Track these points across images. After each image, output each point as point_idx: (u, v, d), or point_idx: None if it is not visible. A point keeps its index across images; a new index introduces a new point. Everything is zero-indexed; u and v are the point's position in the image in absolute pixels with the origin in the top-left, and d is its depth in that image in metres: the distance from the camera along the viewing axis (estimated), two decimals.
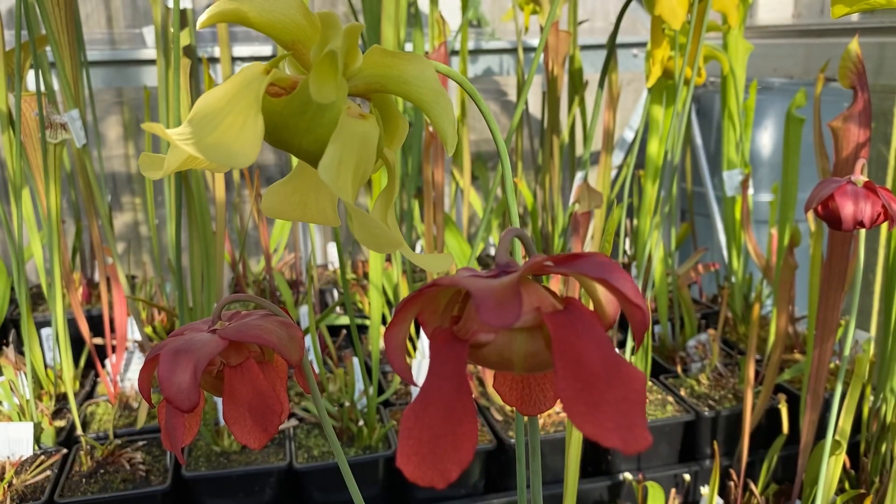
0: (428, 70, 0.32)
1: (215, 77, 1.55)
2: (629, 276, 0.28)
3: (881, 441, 1.04)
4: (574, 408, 0.26)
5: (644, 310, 0.29)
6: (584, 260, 0.29)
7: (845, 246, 0.96)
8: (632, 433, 0.26)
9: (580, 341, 0.27)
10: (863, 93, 0.91)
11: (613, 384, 0.26)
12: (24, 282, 1.13)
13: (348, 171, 0.31)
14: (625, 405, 0.26)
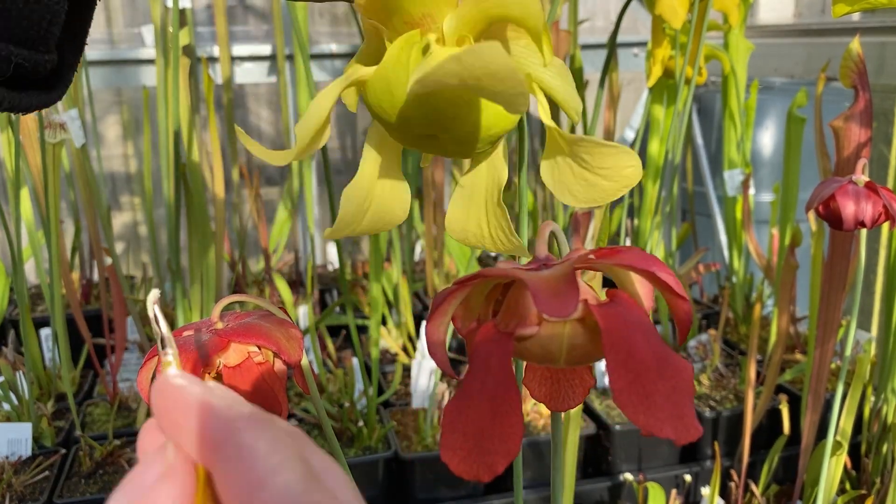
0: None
1: (214, 77, 1.55)
2: (669, 270, 0.28)
3: (882, 441, 1.04)
4: (626, 399, 0.26)
5: (689, 301, 0.29)
6: (626, 253, 0.28)
7: (846, 246, 0.96)
8: (683, 423, 0.26)
9: (630, 333, 0.27)
10: (864, 92, 0.91)
11: (664, 375, 0.26)
12: (23, 281, 1.12)
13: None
14: (675, 396, 0.26)
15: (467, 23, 0.29)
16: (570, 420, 0.94)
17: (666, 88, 1.15)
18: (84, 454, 1.06)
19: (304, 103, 1.35)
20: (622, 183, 0.31)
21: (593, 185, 0.31)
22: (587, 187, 0.32)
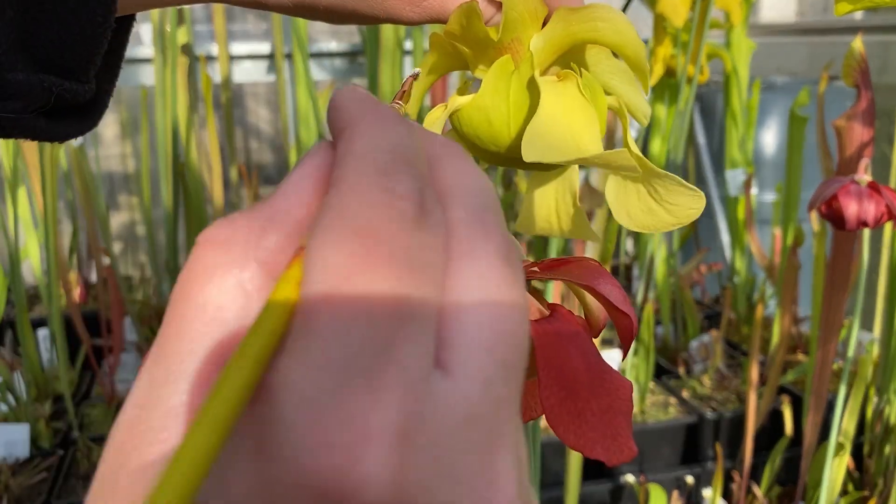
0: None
1: (212, 75, 1.54)
2: (616, 282, 0.28)
3: (885, 443, 1.03)
4: (557, 417, 0.25)
5: (631, 316, 0.28)
6: (570, 265, 0.28)
7: (849, 246, 0.95)
8: (616, 443, 0.25)
9: (563, 349, 0.26)
10: (866, 91, 0.90)
11: (598, 393, 0.26)
12: (20, 282, 1.12)
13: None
14: (609, 415, 0.25)
15: (555, 45, 0.29)
16: None
17: (668, 87, 1.14)
18: (82, 456, 1.05)
19: (303, 102, 1.35)
20: (681, 219, 0.31)
21: (655, 214, 0.31)
22: (648, 215, 0.31)
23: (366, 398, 0.15)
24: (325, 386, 0.15)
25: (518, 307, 0.18)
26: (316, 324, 0.16)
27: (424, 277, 0.17)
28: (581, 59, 0.31)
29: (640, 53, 0.29)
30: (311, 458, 0.15)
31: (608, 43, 0.29)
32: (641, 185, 0.31)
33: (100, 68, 0.32)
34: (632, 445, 0.25)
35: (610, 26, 0.29)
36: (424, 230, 0.18)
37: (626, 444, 0.25)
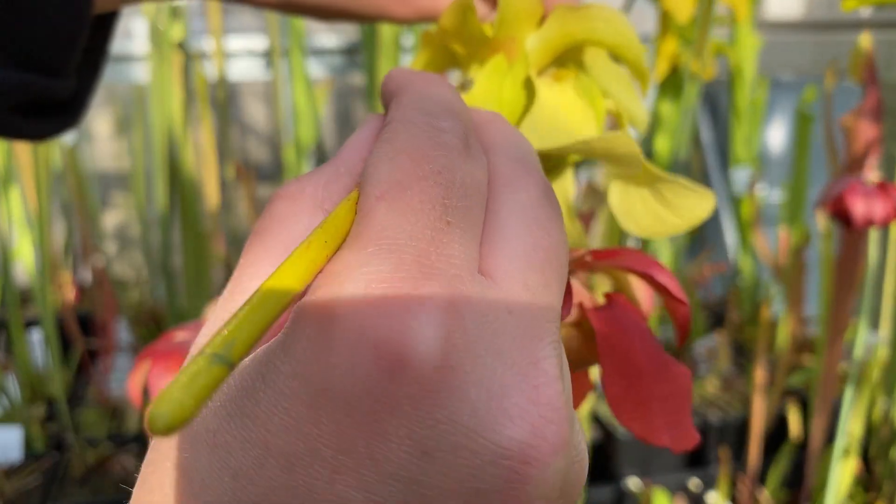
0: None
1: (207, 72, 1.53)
2: (669, 271, 0.27)
3: (891, 446, 1.02)
4: (621, 406, 0.25)
5: (687, 304, 0.28)
6: (624, 255, 0.28)
7: (857, 245, 0.94)
8: (680, 431, 0.25)
9: (626, 338, 0.26)
10: (874, 89, 0.89)
11: (660, 381, 0.26)
12: (12, 282, 1.10)
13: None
14: (672, 403, 0.26)
15: (551, 45, 0.29)
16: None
17: (673, 85, 1.13)
18: (76, 459, 1.04)
19: (300, 99, 1.33)
20: (690, 222, 0.30)
21: (662, 219, 0.30)
22: (655, 220, 0.30)
23: (418, 277, 0.17)
24: (381, 268, 0.17)
25: (556, 228, 0.20)
26: (372, 220, 0.18)
27: (468, 195, 0.19)
28: (579, 61, 0.30)
29: (639, 56, 0.29)
30: (370, 320, 0.16)
31: (607, 44, 0.28)
32: (646, 190, 0.30)
33: (81, 66, 0.32)
34: (694, 433, 0.25)
35: (609, 27, 0.28)
36: (468, 161, 0.20)
37: (689, 431, 0.25)
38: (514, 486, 0.16)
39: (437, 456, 0.16)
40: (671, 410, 0.25)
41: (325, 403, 0.16)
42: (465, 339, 0.17)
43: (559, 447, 0.17)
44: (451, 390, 0.16)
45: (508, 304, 0.18)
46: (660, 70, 1.04)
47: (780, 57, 1.71)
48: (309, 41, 1.57)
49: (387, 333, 0.16)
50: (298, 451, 0.16)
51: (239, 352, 0.15)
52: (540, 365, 0.18)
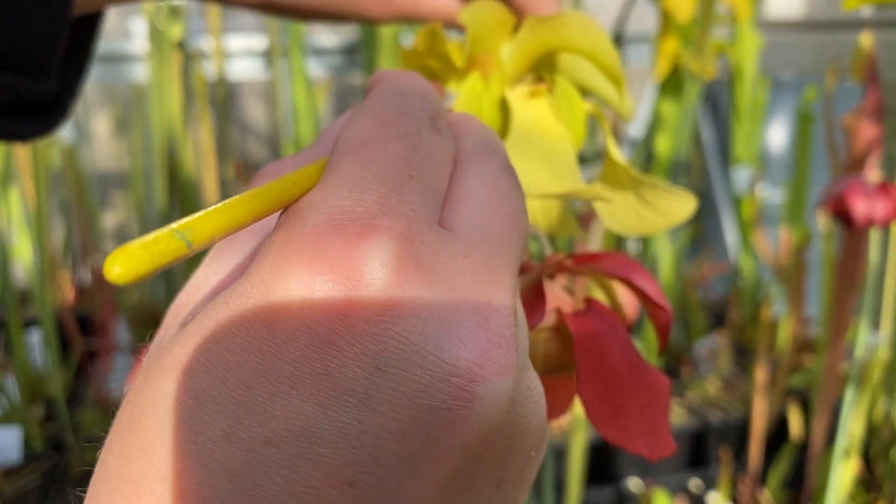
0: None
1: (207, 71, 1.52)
2: (650, 276, 0.27)
3: (893, 446, 1.02)
4: (596, 412, 0.25)
5: (667, 311, 0.28)
6: (605, 259, 0.28)
7: (858, 245, 0.94)
8: (656, 439, 0.25)
9: (603, 343, 0.26)
10: (875, 88, 0.89)
11: (638, 388, 0.26)
12: (11, 281, 1.10)
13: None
14: (649, 410, 0.26)
15: (525, 55, 0.29)
16: (577, 425, 0.92)
17: (674, 84, 1.13)
18: (76, 459, 1.04)
19: (300, 99, 1.33)
20: (672, 221, 0.31)
21: (644, 219, 0.31)
22: (637, 220, 0.31)
23: (376, 212, 0.18)
24: (342, 204, 0.18)
25: (517, 200, 0.21)
26: (337, 169, 0.19)
27: (432, 159, 0.20)
28: (555, 63, 0.30)
29: (613, 61, 0.29)
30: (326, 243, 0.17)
31: (580, 51, 0.29)
32: (630, 193, 0.30)
33: (65, 67, 0.32)
34: (670, 441, 0.25)
35: (581, 34, 0.28)
36: (435, 135, 0.21)
37: (666, 439, 0.25)
38: (461, 403, 0.17)
39: (389, 372, 0.17)
40: (648, 418, 0.25)
41: (283, 323, 0.17)
42: (418, 267, 0.18)
43: (505, 368, 0.18)
44: (403, 311, 0.17)
45: (465, 250, 0.19)
46: (660, 70, 1.04)
47: (781, 56, 1.71)
48: (309, 41, 1.57)
49: (341, 255, 0.17)
50: (258, 369, 0.16)
51: (199, 237, 0.16)
52: (493, 303, 0.18)
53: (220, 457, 0.16)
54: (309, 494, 0.16)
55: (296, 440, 0.16)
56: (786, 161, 1.65)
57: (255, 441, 0.16)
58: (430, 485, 0.17)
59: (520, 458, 0.20)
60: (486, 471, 0.19)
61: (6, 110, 0.30)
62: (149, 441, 0.17)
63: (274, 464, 0.16)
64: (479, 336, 0.18)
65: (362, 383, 0.16)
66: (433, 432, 0.17)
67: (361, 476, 0.16)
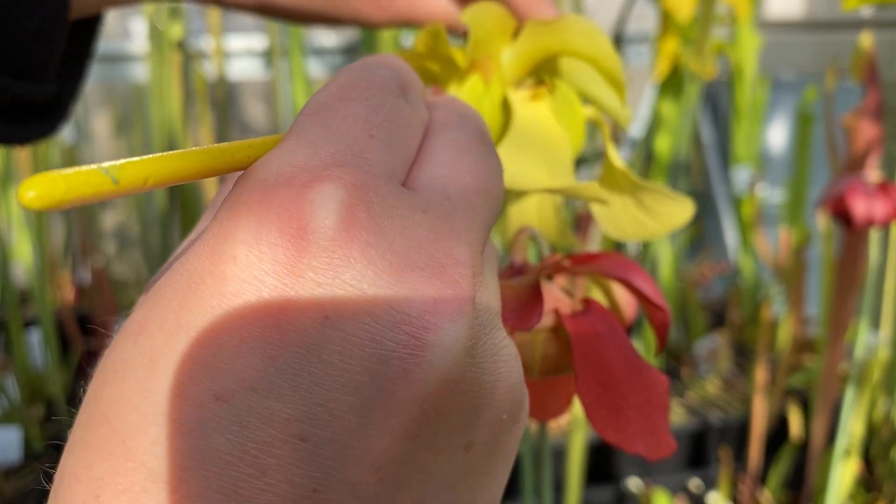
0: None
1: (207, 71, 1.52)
2: (648, 276, 0.28)
3: (893, 446, 1.02)
4: (595, 413, 0.25)
5: (665, 311, 0.28)
6: (603, 260, 0.28)
7: (858, 245, 0.94)
8: (655, 439, 0.25)
9: (601, 344, 0.26)
10: (875, 88, 0.89)
11: (636, 388, 0.26)
12: (11, 281, 1.10)
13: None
14: (647, 410, 0.26)
15: (526, 59, 0.29)
16: (577, 425, 0.92)
17: (674, 84, 1.13)
18: None
19: (300, 99, 1.33)
20: (669, 227, 0.31)
21: (642, 224, 0.31)
22: (635, 225, 0.31)
23: (328, 164, 0.18)
24: (295, 158, 0.18)
25: (488, 163, 0.21)
26: (295, 129, 0.19)
27: (397, 121, 0.20)
28: (556, 68, 0.30)
29: (614, 65, 0.29)
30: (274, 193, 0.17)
31: (582, 55, 0.29)
32: (628, 197, 0.30)
33: (63, 70, 0.32)
34: (670, 440, 0.25)
35: (583, 38, 0.28)
36: (402, 102, 0.20)
37: (665, 439, 0.25)
38: (413, 351, 0.17)
39: (339, 322, 0.16)
40: (647, 418, 0.25)
41: (231, 276, 0.16)
42: (371, 216, 0.17)
43: (458, 316, 0.17)
44: (353, 258, 0.17)
45: (424, 205, 0.18)
46: (660, 70, 1.04)
47: (781, 56, 1.71)
48: (309, 41, 1.57)
49: (287, 203, 0.17)
50: (207, 324, 0.16)
51: (126, 177, 0.16)
52: (450, 254, 0.18)
53: (172, 414, 0.16)
54: (260, 450, 0.16)
55: (245, 394, 0.16)
56: (786, 161, 1.65)
57: (206, 396, 0.16)
58: (387, 438, 0.17)
59: (489, 421, 0.19)
60: (450, 430, 0.18)
61: (4, 113, 0.30)
62: (111, 407, 0.16)
63: (224, 419, 0.16)
64: (432, 284, 0.17)
65: (312, 334, 0.16)
66: (386, 382, 0.16)
67: (314, 430, 0.16)
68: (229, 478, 0.16)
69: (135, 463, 0.16)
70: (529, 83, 0.30)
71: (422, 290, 0.17)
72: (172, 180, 0.17)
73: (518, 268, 0.29)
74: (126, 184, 0.16)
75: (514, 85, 0.29)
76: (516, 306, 0.26)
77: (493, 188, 0.20)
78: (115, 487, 0.16)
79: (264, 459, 0.16)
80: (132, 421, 0.16)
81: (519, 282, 0.27)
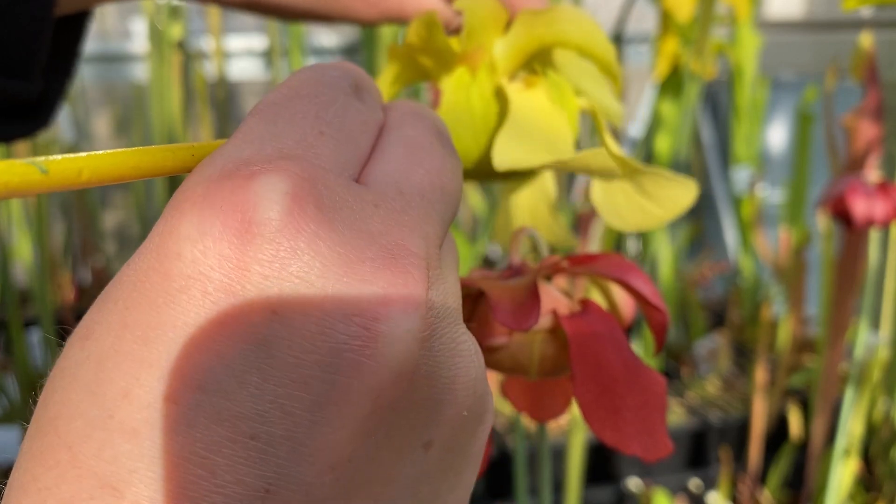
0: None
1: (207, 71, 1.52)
2: (647, 277, 0.28)
3: (892, 446, 1.02)
4: (593, 414, 0.25)
5: (664, 312, 0.28)
6: (601, 261, 0.28)
7: (858, 245, 0.94)
8: (653, 440, 0.25)
9: (599, 345, 0.26)
10: (875, 88, 0.89)
11: (634, 389, 0.26)
12: (11, 281, 1.10)
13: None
14: (645, 411, 0.26)
15: (519, 50, 0.29)
16: (576, 425, 0.92)
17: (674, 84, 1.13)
18: None
19: None
20: (674, 212, 0.30)
21: (646, 211, 0.30)
22: (639, 213, 0.30)
23: (274, 158, 0.17)
24: (241, 154, 0.17)
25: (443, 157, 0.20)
26: (240, 128, 0.18)
27: (346, 118, 0.19)
28: (550, 61, 0.30)
29: (609, 55, 0.29)
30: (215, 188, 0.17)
31: (575, 45, 0.28)
32: (628, 184, 0.30)
33: (50, 68, 0.32)
34: (668, 442, 0.25)
35: (576, 28, 0.28)
36: (354, 101, 0.20)
37: (663, 440, 0.25)
38: (365, 343, 0.16)
39: (287, 315, 0.16)
40: (644, 419, 0.25)
41: (176, 272, 0.16)
42: (319, 208, 0.17)
43: (411, 306, 0.17)
44: (301, 250, 0.16)
45: (375, 199, 0.18)
46: (660, 70, 1.04)
47: (781, 56, 1.71)
48: (309, 41, 1.57)
49: (231, 195, 0.16)
50: (153, 322, 0.16)
51: (59, 169, 0.16)
52: (403, 244, 0.17)
53: (120, 417, 0.15)
54: (209, 451, 0.15)
55: (193, 393, 0.15)
56: (786, 161, 1.65)
57: (153, 397, 0.15)
58: (342, 435, 0.16)
59: (449, 418, 0.18)
60: (408, 426, 0.18)
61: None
62: (58, 413, 0.16)
63: (172, 420, 0.15)
64: (383, 274, 0.17)
65: (260, 329, 0.16)
66: (338, 376, 0.16)
67: (264, 428, 0.15)
68: (178, 479, 0.15)
69: (81, 470, 0.15)
70: (522, 76, 0.29)
71: (373, 281, 0.16)
72: (110, 178, 0.17)
73: (516, 268, 0.29)
74: (57, 176, 0.16)
75: (507, 77, 0.29)
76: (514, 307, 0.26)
77: (448, 184, 0.20)
78: (60, 496, 0.15)
79: (214, 459, 0.15)
80: (78, 426, 0.15)
81: (517, 282, 0.27)
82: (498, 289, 0.26)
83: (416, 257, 0.17)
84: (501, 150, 0.27)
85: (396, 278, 0.17)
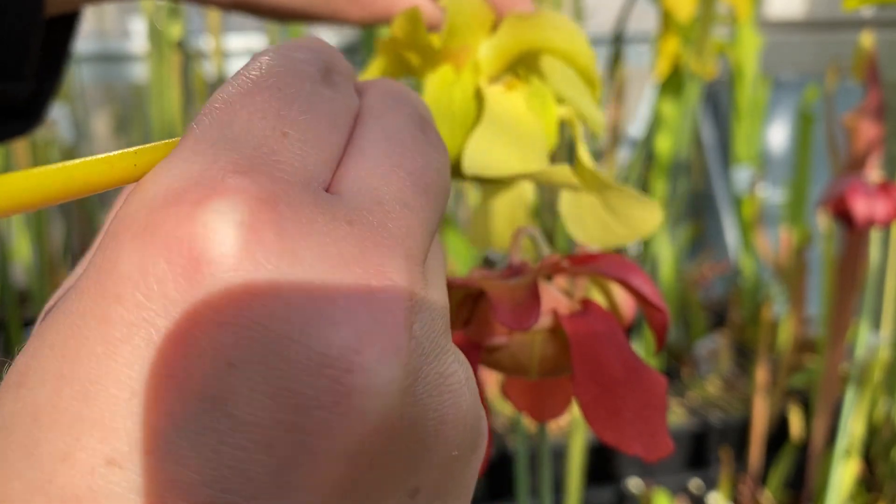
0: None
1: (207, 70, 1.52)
2: (647, 277, 0.27)
3: (893, 446, 1.02)
4: (593, 414, 0.25)
5: (664, 312, 0.28)
6: (602, 260, 0.28)
7: (859, 245, 0.94)
8: (654, 440, 0.25)
9: (599, 345, 0.26)
10: (876, 88, 0.89)
11: (634, 389, 0.26)
12: (10, 282, 1.10)
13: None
14: (646, 411, 0.26)
15: (504, 53, 0.29)
16: (577, 426, 0.92)
17: (674, 84, 1.13)
18: None
19: None
20: (637, 233, 0.30)
21: (608, 228, 0.30)
22: (601, 229, 0.31)
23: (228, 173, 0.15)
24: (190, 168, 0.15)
25: (425, 153, 0.18)
26: (190, 134, 0.16)
27: (315, 112, 0.17)
28: (535, 67, 0.30)
29: (590, 64, 0.29)
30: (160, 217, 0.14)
31: (558, 52, 0.29)
32: (595, 198, 0.30)
33: (40, 67, 0.31)
34: (668, 442, 0.25)
35: (560, 35, 0.28)
36: (324, 88, 0.18)
37: (663, 440, 0.25)
38: (337, 399, 0.14)
39: (245, 368, 0.14)
40: (645, 419, 0.25)
41: (117, 318, 0.14)
42: (280, 237, 0.14)
43: (389, 353, 0.14)
44: (259, 292, 0.14)
45: (350, 215, 0.16)
46: (661, 70, 1.04)
47: (782, 56, 1.71)
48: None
49: (177, 228, 0.14)
50: (93, 375, 0.14)
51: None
52: (383, 273, 0.15)
53: (59, 482, 0.14)
54: None
55: (141, 457, 0.14)
56: (786, 161, 1.65)
57: (96, 461, 0.14)
58: (313, 499, 0.14)
59: (436, 462, 0.16)
60: (390, 479, 0.16)
61: None
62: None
63: (118, 486, 0.13)
64: (357, 315, 0.14)
65: (215, 384, 0.14)
66: (306, 437, 0.14)
67: (223, 496, 0.14)
68: None
69: None
70: (505, 79, 0.29)
71: (345, 323, 0.14)
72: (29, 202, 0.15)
73: (516, 268, 0.29)
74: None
75: (490, 80, 0.29)
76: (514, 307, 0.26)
77: (433, 183, 0.18)
78: None
79: None
80: (16, 488, 0.14)
81: (517, 282, 0.27)
82: (498, 288, 0.26)
83: (396, 287, 0.15)
84: (469, 156, 0.27)
85: (373, 318, 0.15)
